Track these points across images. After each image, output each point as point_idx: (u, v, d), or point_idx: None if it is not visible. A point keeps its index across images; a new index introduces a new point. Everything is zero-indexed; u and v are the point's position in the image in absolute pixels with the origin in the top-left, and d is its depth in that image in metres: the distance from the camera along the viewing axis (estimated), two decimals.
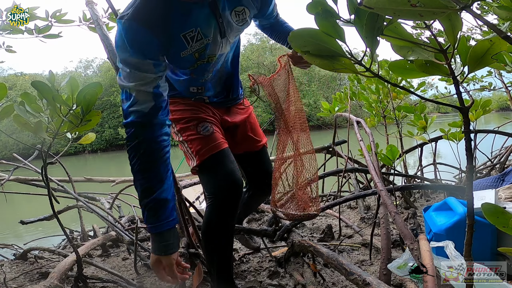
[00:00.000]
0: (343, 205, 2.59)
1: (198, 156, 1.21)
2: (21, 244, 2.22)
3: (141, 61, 0.96)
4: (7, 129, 1.40)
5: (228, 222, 1.22)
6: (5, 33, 1.75)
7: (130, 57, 0.95)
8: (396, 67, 0.61)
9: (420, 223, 1.85)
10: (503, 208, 0.54)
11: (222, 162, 1.20)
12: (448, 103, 0.66)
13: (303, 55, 0.58)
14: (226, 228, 1.22)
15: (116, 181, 2.96)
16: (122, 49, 0.96)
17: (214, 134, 1.24)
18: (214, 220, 1.20)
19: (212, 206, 1.19)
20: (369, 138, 1.89)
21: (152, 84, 0.99)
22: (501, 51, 0.49)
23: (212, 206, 1.19)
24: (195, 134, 1.23)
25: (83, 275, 1.38)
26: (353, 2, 0.52)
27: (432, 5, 0.41)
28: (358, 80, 2.66)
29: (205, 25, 1.07)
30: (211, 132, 1.24)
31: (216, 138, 1.23)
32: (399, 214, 1.19)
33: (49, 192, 1.19)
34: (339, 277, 1.41)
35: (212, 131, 1.24)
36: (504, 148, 3.17)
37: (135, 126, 0.98)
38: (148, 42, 0.97)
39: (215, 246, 1.23)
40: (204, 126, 1.25)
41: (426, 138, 2.36)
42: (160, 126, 1.01)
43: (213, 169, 1.21)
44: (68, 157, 24.46)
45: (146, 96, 0.98)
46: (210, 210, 1.19)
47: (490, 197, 1.29)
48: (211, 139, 1.22)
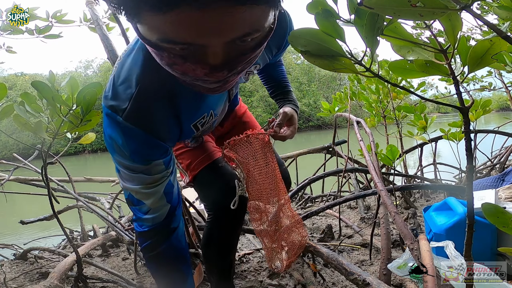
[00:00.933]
0: (343, 205, 2.60)
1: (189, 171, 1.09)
2: (21, 244, 2.21)
3: (148, 166, 0.78)
4: (7, 129, 1.40)
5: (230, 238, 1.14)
6: (6, 34, 1.75)
7: (132, 163, 0.77)
8: (396, 67, 0.61)
9: (420, 223, 1.85)
10: (503, 208, 0.54)
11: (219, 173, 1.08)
12: (448, 103, 0.66)
13: (303, 55, 0.58)
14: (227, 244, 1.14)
15: (116, 181, 2.96)
16: (120, 154, 0.76)
17: (204, 144, 1.11)
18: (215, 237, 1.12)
19: (212, 223, 1.09)
20: (369, 138, 1.89)
21: (163, 183, 0.83)
22: (501, 51, 0.49)
23: (211, 222, 1.10)
24: (183, 147, 1.11)
25: (83, 275, 1.38)
26: (353, 2, 0.52)
27: (432, 5, 0.41)
28: (358, 80, 2.66)
29: (218, 104, 0.94)
30: (200, 142, 1.11)
31: (207, 148, 1.11)
32: (399, 214, 1.19)
33: (49, 192, 1.19)
34: (339, 277, 1.41)
35: (201, 141, 1.11)
36: (504, 148, 3.17)
37: (152, 236, 0.87)
38: (156, 146, 0.79)
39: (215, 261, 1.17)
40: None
41: (426, 138, 2.36)
42: (177, 231, 0.91)
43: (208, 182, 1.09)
44: (68, 157, 24.45)
45: (159, 200, 0.83)
46: (210, 227, 1.10)
47: (490, 197, 1.29)
48: (202, 150, 1.10)
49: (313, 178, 2.16)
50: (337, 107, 2.58)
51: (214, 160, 1.10)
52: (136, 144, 0.75)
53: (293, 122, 1.10)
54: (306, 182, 2.14)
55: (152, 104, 0.74)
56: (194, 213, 1.67)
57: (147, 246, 0.89)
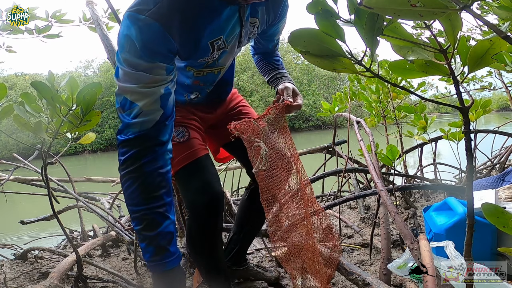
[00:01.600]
0: (343, 205, 2.60)
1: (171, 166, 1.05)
2: (21, 244, 2.21)
3: (151, 65, 0.81)
4: (7, 129, 1.40)
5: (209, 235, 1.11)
6: (5, 33, 1.75)
7: (138, 59, 0.80)
8: (396, 67, 0.61)
9: (420, 223, 1.85)
10: (503, 208, 0.54)
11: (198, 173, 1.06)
12: (448, 103, 0.66)
13: (303, 55, 0.58)
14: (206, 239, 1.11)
15: (116, 181, 2.96)
16: (129, 49, 0.80)
17: (190, 140, 1.09)
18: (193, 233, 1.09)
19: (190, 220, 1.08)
20: (369, 138, 1.89)
21: (161, 87, 0.83)
22: (501, 51, 0.49)
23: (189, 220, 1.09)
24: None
25: (83, 275, 1.38)
26: (353, 2, 0.52)
27: (432, 5, 0.41)
28: (358, 80, 2.66)
29: (230, 33, 0.97)
30: (186, 138, 1.09)
31: (192, 145, 1.09)
32: (399, 214, 1.19)
33: (49, 192, 1.19)
34: (339, 277, 1.41)
35: (187, 137, 1.09)
36: (504, 148, 3.17)
37: (137, 145, 0.82)
38: (167, 48, 0.83)
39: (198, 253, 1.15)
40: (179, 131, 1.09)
41: (426, 138, 2.36)
42: (166, 146, 0.87)
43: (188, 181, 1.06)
44: (68, 157, 24.46)
45: (153, 103, 0.82)
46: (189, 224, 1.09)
47: (490, 197, 1.29)
48: (186, 146, 1.08)
49: (313, 178, 2.16)
50: (337, 107, 2.58)
51: (196, 158, 1.07)
52: (149, 36, 0.79)
53: (297, 93, 1.16)
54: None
55: (177, 8, 0.81)
56: None
57: (128, 157, 0.82)
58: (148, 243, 0.86)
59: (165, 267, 0.87)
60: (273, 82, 1.24)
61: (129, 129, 0.83)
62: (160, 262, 0.87)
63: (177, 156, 1.05)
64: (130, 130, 0.83)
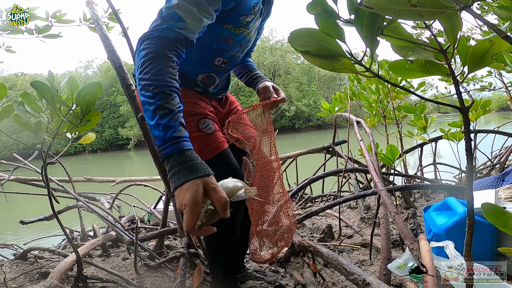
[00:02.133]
0: (343, 205, 2.60)
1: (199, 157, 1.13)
2: (21, 244, 2.22)
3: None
4: (7, 129, 1.40)
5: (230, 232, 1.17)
6: (5, 33, 1.75)
7: None
8: (396, 67, 0.61)
9: (420, 223, 1.85)
10: (503, 208, 0.54)
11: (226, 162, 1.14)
12: (448, 103, 0.66)
13: (303, 55, 0.58)
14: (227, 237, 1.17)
15: (116, 181, 2.97)
16: None
17: (215, 133, 1.16)
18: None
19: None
20: (369, 138, 1.89)
21: (207, 20, 0.93)
22: (501, 51, 0.49)
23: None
24: (196, 131, 1.12)
25: (83, 275, 1.38)
26: (353, 2, 0.52)
27: (432, 5, 0.41)
28: (358, 80, 2.66)
29: (260, 2, 1.12)
30: (213, 131, 1.15)
31: (217, 137, 1.15)
32: (399, 214, 1.19)
33: (49, 192, 1.19)
34: (339, 277, 1.41)
35: (214, 130, 1.16)
36: (504, 148, 3.17)
37: (167, 42, 0.85)
38: None
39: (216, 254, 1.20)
40: (206, 123, 1.15)
41: (426, 138, 2.36)
42: (180, 59, 0.91)
43: (217, 169, 1.07)
44: (68, 157, 24.48)
45: (197, 27, 0.90)
46: None
47: (490, 197, 1.29)
48: (213, 139, 1.14)
49: (313, 178, 2.16)
50: (337, 107, 2.58)
51: (223, 150, 1.15)
52: None
53: (277, 88, 1.33)
54: (306, 182, 2.14)
55: None
56: None
57: (155, 47, 0.84)
58: (171, 117, 0.79)
59: (189, 146, 0.79)
60: (252, 82, 1.37)
61: (168, 32, 0.87)
62: (184, 138, 0.79)
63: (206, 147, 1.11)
64: (168, 33, 0.87)
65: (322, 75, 33.21)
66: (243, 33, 1.14)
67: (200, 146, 1.11)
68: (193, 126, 1.12)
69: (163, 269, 1.55)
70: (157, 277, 1.53)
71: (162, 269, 1.55)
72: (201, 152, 1.06)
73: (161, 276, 1.51)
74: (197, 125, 1.13)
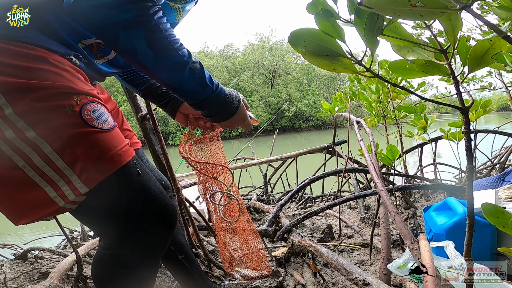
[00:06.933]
0: (343, 205, 2.60)
1: (104, 164, 0.75)
2: (21, 244, 2.22)
3: None
4: None
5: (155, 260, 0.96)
6: None
7: None
8: (396, 67, 0.61)
9: (420, 223, 1.85)
10: (503, 208, 0.54)
11: (140, 174, 0.85)
12: (448, 103, 0.66)
13: (303, 55, 0.58)
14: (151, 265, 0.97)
15: None
16: None
17: (116, 128, 0.77)
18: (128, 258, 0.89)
19: (128, 238, 0.87)
20: (369, 138, 1.89)
21: None
22: (501, 51, 0.49)
23: (127, 238, 0.87)
24: (81, 125, 0.70)
25: (83, 275, 1.38)
26: (353, 2, 0.52)
27: (432, 5, 0.41)
28: (358, 80, 2.66)
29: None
30: (112, 125, 0.75)
31: (120, 134, 0.81)
32: (399, 214, 1.19)
33: None
34: (339, 277, 1.41)
35: (113, 124, 0.76)
36: (504, 148, 3.18)
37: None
38: None
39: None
40: (97, 110, 0.73)
41: (426, 138, 2.36)
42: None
43: (123, 196, 0.81)
44: None
45: None
46: (123, 244, 0.88)
47: (490, 197, 1.29)
48: (116, 137, 0.77)
49: (313, 178, 2.16)
50: (337, 107, 2.58)
51: (131, 159, 0.76)
52: None
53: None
54: (306, 182, 2.14)
55: None
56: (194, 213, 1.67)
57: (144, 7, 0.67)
58: (201, 69, 0.75)
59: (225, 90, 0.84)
60: (166, 99, 1.10)
61: None
62: (218, 87, 0.80)
63: (103, 154, 0.69)
64: None
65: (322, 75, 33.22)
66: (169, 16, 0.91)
67: (92, 152, 0.68)
68: (71, 115, 0.66)
69: (163, 269, 1.55)
70: (157, 277, 1.53)
71: (162, 269, 1.55)
72: (107, 154, 0.69)
73: (161, 276, 1.51)
74: (81, 113, 0.67)
